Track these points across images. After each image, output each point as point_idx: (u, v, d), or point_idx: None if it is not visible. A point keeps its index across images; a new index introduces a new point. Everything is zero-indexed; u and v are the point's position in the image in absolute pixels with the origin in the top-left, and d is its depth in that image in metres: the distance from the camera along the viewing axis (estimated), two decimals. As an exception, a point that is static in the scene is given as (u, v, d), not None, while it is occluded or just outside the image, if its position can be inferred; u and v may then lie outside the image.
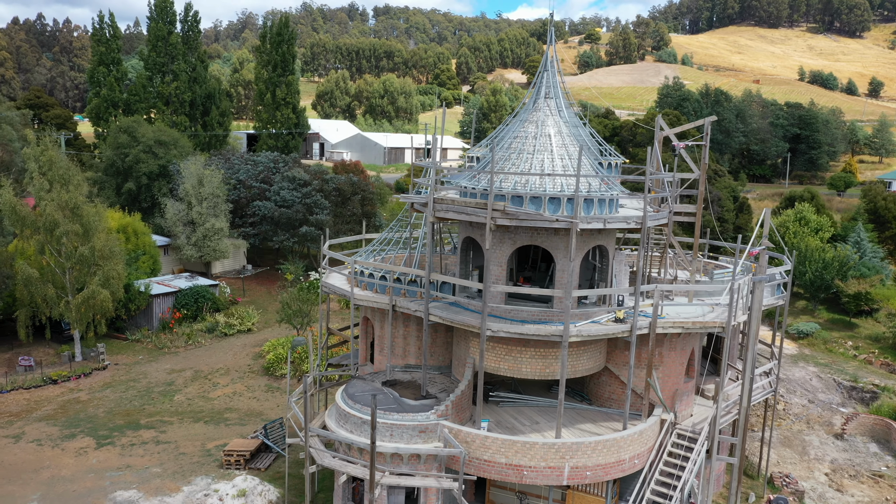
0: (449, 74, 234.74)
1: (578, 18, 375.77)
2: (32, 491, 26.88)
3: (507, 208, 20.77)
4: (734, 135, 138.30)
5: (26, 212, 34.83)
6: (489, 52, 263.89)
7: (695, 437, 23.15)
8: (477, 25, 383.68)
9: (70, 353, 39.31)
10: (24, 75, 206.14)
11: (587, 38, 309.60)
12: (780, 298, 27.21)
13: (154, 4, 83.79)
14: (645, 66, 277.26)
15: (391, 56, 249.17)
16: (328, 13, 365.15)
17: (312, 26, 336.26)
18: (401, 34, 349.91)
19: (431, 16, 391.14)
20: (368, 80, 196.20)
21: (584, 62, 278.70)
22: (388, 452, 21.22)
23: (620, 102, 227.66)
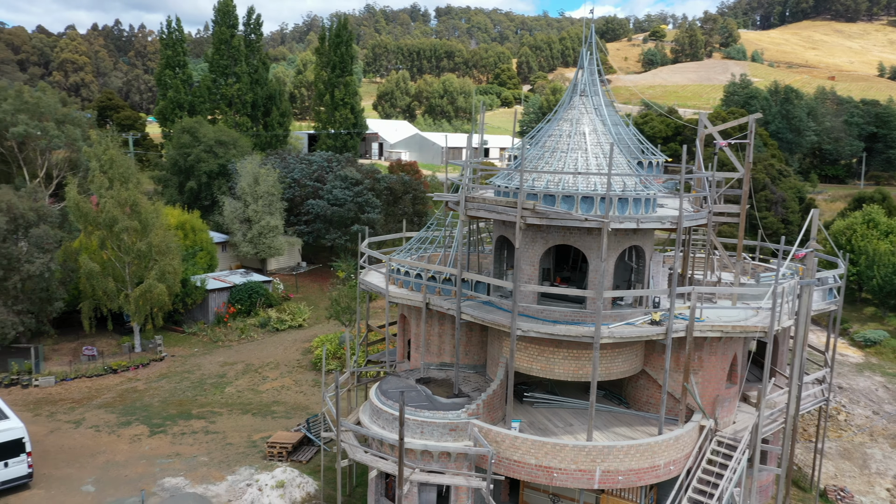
0: (509, 74, 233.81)
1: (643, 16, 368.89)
2: (88, 474, 28.14)
3: (537, 207, 20.67)
4: (805, 133, 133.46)
5: (88, 208, 36.48)
6: (550, 51, 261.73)
7: (735, 444, 22.53)
8: (539, 24, 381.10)
9: (130, 344, 40.98)
10: (101, 79, 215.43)
11: (652, 36, 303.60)
12: (832, 303, 26.17)
13: (217, 9, 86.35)
14: (712, 63, 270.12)
15: (451, 56, 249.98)
16: (391, 14, 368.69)
17: (375, 28, 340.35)
18: (462, 34, 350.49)
19: (493, 15, 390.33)
20: (428, 80, 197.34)
21: (648, 60, 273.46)
22: (417, 449, 21.40)
23: (685, 101, 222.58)
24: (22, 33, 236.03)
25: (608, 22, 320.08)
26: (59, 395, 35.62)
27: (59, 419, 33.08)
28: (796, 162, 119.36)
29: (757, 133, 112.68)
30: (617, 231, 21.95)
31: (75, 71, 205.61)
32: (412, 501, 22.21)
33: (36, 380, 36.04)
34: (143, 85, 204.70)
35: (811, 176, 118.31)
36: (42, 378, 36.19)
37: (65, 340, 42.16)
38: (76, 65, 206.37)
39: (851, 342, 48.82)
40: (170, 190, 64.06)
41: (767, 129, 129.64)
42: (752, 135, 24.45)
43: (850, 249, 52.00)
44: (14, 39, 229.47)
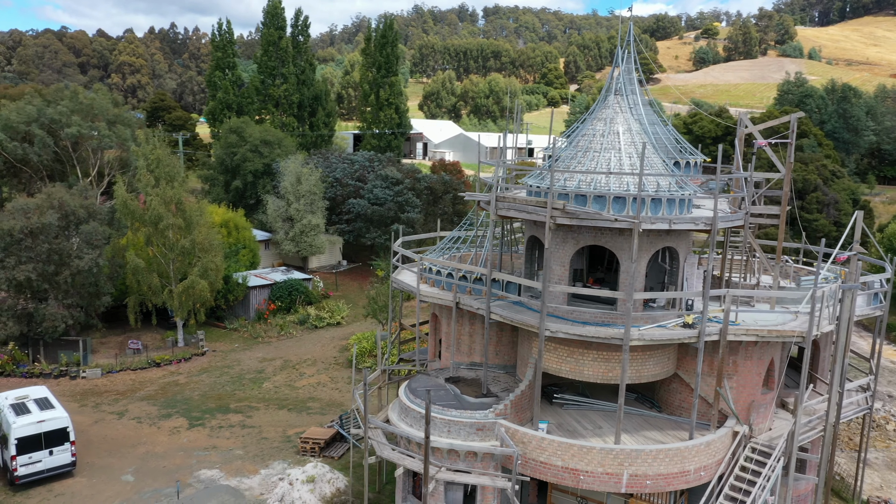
0: (556, 73, 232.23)
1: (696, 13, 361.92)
2: (129, 464, 28.99)
3: (566, 207, 20.47)
4: (863, 133, 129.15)
5: (135, 206, 37.56)
6: (598, 50, 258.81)
7: (769, 451, 21.92)
8: (587, 23, 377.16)
9: (173, 338, 42.03)
10: (156, 81, 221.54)
11: (704, 34, 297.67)
12: (877, 308, 25.25)
13: (266, 11, 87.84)
14: (766, 61, 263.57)
15: (498, 56, 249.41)
16: (438, 15, 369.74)
17: (423, 28, 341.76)
18: (510, 34, 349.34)
19: (541, 14, 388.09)
20: (474, 80, 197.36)
21: (699, 58, 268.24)
22: (444, 448, 21.42)
23: (738, 100, 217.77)
24: (83, 37, 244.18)
25: (658, 20, 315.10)
26: (105, 387, 36.74)
27: (104, 410, 34.14)
28: (853, 162, 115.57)
29: (811, 133, 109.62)
30: (649, 232, 21.60)
31: (132, 73, 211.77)
32: (438, 500, 22.24)
33: (83, 371, 37.25)
34: (196, 86, 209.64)
35: (868, 177, 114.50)
36: (89, 370, 37.39)
37: (112, 334, 43.46)
38: (133, 67, 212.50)
39: (906, 349, 47.08)
40: (217, 189, 65.47)
41: (823, 128, 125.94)
42: (793, 134, 23.75)
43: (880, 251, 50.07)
44: (76, 43, 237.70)
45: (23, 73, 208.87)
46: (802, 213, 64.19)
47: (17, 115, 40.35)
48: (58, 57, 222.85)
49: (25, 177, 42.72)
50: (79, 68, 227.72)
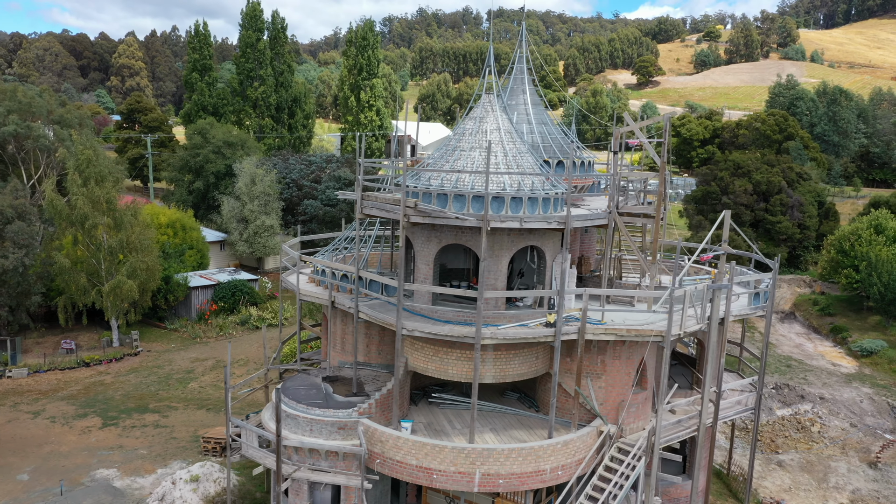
0: (556, 76, 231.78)
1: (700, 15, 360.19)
2: (29, 463, 29.09)
3: (418, 206, 20.42)
4: (853, 136, 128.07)
5: (62, 205, 37.77)
6: (598, 52, 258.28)
7: (635, 450, 21.74)
8: (592, 26, 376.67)
9: (108, 338, 42.19)
10: (157, 84, 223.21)
11: (706, 37, 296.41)
12: (758, 308, 24.98)
13: (244, 13, 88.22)
14: (767, 64, 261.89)
15: (498, 59, 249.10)
16: (443, 18, 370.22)
17: (427, 31, 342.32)
18: (514, 36, 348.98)
19: (546, 17, 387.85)
20: (469, 82, 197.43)
21: (700, 61, 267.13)
22: (304, 447, 21.39)
23: (736, 103, 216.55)
24: (84, 40, 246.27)
25: (661, 23, 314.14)
26: (29, 387, 36.94)
27: (21, 409, 34.30)
28: (838, 165, 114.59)
29: (798, 135, 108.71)
30: (510, 231, 21.53)
31: (131, 76, 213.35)
32: (303, 499, 22.21)
33: (9, 371, 37.48)
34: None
35: (854, 180, 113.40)
36: (16, 370, 37.61)
37: (50, 334, 43.70)
38: (132, 70, 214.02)
39: (848, 351, 46.61)
40: (180, 189, 65.81)
41: (812, 131, 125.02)
42: (667, 134, 23.58)
43: (853, 255, 49.69)
44: (77, 45, 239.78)
45: (23, 75, 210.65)
46: (766, 215, 63.76)
47: (-47, 115, 40.88)
48: (58, 60, 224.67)
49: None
50: (79, 71, 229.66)
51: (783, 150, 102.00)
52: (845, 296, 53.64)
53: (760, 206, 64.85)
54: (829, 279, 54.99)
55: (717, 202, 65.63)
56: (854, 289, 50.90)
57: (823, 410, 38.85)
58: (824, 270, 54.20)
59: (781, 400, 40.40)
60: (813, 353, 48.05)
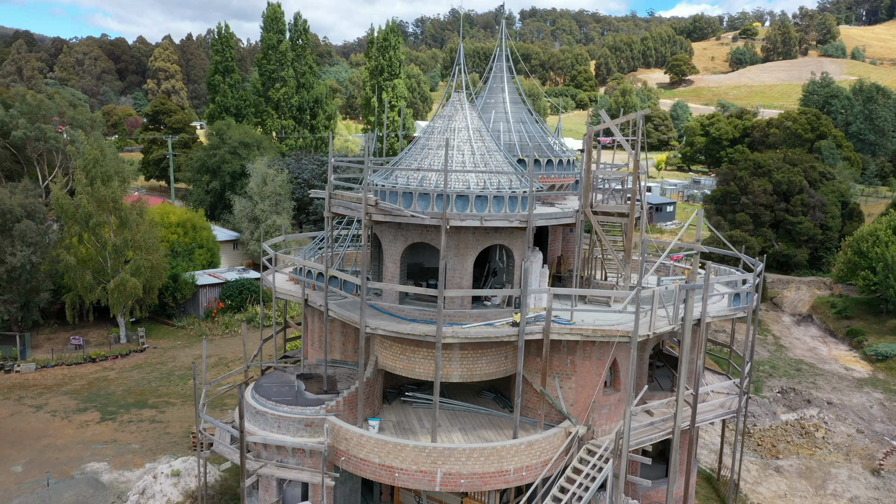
0: (586, 76, 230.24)
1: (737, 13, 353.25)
2: (25, 455, 29.88)
3: (379, 203, 20.46)
4: (891, 135, 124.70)
5: (68, 204, 38.71)
6: (630, 51, 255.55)
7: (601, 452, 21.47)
8: (626, 25, 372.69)
9: (116, 335, 43.10)
10: (191, 86, 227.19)
11: (742, 34, 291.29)
12: (738, 310, 24.42)
13: (266, 16, 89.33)
14: (805, 61, 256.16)
15: (528, 59, 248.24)
16: (475, 18, 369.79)
17: (458, 31, 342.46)
18: (546, 36, 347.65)
19: (579, 17, 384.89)
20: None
21: (736, 59, 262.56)
22: (271, 444, 21.58)
23: (771, 101, 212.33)
24: (122, 44, 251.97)
25: (696, 20, 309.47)
26: (35, 381, 37.91)
27: (25, 403, 35.23)
28: (874, 165, 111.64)
29: (830, 134, 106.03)
30: (475, 230, 21.43)
31: (166, 78, 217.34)
32: (272, 496, 22.41)
33: (18, 366, 38.50)
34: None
35: (890, 180, 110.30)
36: (24, 364, 38.63)
37: (62, 330, 44.79)
38: (167, 72, 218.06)
39: (863, 356, 45.34)
40: (198, 189, 66.94)
41: (848, 130, 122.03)
42: (640, 132, 23.19)
43: (871, 257, 48.25)
44: (115, 49, 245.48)
45: (63, 79, 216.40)
46: (787, 215, 62.35)
47: (-34, 119, 42.21)
48: (97, 63, 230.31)
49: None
50: (117, 74, 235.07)
51: (815, 150, 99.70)
52: (864, 298, 52.19)
53: (781, 206, 63.42)
54: (847, 281, 53.57)
55: (736, 202, 64.39)
56: (872, 291, 49.52)
57: (830, 416, 37.86)
58: (841, 272, 52.76)
59: (787, 404, 39.48)
60: (826, 357, 46.87)
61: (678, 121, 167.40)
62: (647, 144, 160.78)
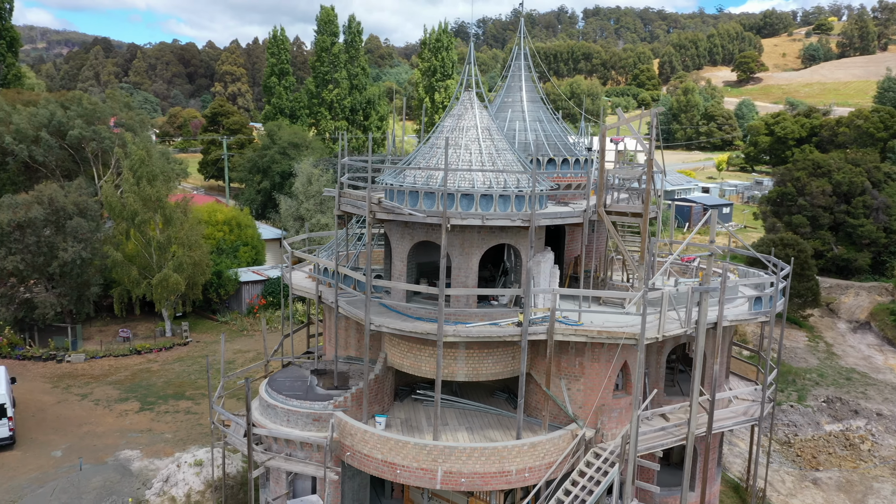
0: (649, 75, 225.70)
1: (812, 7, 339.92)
2: (65, 441, 31.33)
3: (382, 202, 20.64)
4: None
5: (116, 202, 40.39)
6: (696, 49, 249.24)
7: (608, 457, 21.10)
8: (693, 22, 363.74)
9: (162, 328, 44.72)
10: (256, 88, 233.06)
11: (816, 29, 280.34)
12: (759, 314, 23.57)
13: (319, 18, 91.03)
14: (884, 57, 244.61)
15: (589, 58, 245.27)
16: (537, 18, 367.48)
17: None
18: (610, 35, 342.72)
19: (644, 14, 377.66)
20: (556, 82, 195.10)
21: (808, 56, 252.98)
22: (279, 437, 22.06)
23: (846, 99, 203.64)
24: (192, 48, 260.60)
25: (766, 16, 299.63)
26: (83, 371, 39.66)
27: (71, 392, 36.90)
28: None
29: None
30: (480, 229, 21.38)
31: (233, 81, 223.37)
32: (281, 488, 22.90)
33: (69, 356, 40.36)
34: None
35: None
36: (74, 355, 40.47)
37: (113, 323, 46.71)
38: (234, 76, 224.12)
39: (920, 365, 43.11)
40: (249, 189, 68.76)
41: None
42: (654, 130, 22.67)
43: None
44: (185, 54, 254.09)
45: (137, 83, 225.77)
46: (847, 217, 59.80)
47: (28, 121, 44.37)
48: (168, 68, 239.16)
49: (42, 176, 46.78)
50: (187, 78, 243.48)
51: (888, 150, 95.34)
52: (926, 305, 49.66)
53: (841, 208, 60.87)
54: (907, 287, 51.06)
55: (793, 204, 62.11)
56: (932, 296, 47.03)
57: (878, 427, 36.16)
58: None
59: (832, 414, 37.88)
60: (881, 367, 44.75)
61: (743, 120, 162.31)
62: (710, 144, 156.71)
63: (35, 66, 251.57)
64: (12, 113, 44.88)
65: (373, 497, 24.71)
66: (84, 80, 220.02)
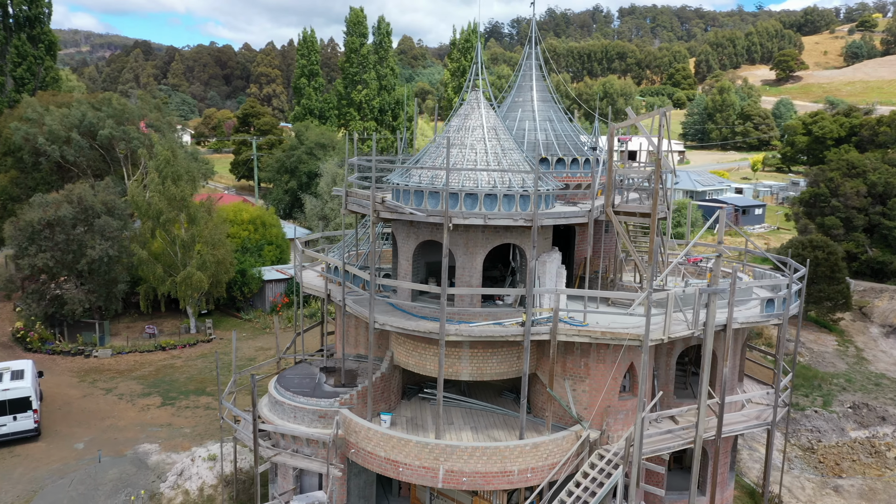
0: (684, 74, 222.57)
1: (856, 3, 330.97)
2: (88, 434, 32.09)
3: (385, 201, 20.77)
4: None
5: (142, 201, 41.27)
6: (733, 47, 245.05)
7: (609, 456, 20.94)
8: (732, 20, 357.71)
9: (187, 325, 45.55)
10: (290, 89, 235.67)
11: (860, 26, 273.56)
12: (771, 317, 23.14)
13: (348, 20, 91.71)
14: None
15: (623, 57, 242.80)
16: (571, 17, 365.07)
17: (555, 31, 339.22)
18: (646, 34, 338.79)
19: (681, 13, 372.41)
20: (588, 82, 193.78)
21: (851, 53, 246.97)
22: (286, 433, 22.35)
23: (890, 98, 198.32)
24: (229, 51, 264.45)
25: (807, 13, 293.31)
26: (109, 366, 40.58)
27: (97, 386, 37.79)
28: None
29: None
30: (485, 228, 21.39)
31: (268, 83, 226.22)
32: (288, 483, 23.19)
33: (96, 352, 41.36)
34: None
35: None
36: (101, 350, 41.45)
37: (141, 319, 47.69)
38: (269, 77, 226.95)
39: (955, 371, 41.81)
40: (277, 189, 69.61)
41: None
42: (662, 129, 22.39)
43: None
44: (222, 56, 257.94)
45: (175, 85, 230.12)
46: (883, 219, 58.32)
47: (60, 122, 45.64)
48: (206, 70, 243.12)
49: (73, 176, 48.04)
50: (223, 80, 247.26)
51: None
52: (963, 309, 48.14)
53: (876, 209, 59.41)
54: (943, 290, 49.54)
55: (826, 205, 60.80)
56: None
57: (905, 434, 35.21)
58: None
59: (858, 421, 36.98)
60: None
61: (781, 119, 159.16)
62: (746, 144, 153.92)
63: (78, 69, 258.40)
64: (45, 114, 46.14)
65: (380, 495, 24.87)
66: (124, 82, 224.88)
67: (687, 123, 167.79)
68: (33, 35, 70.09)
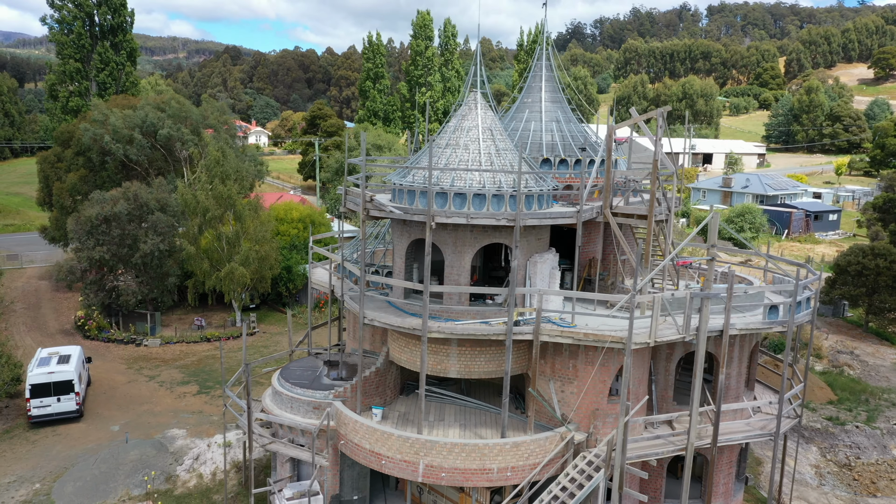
0: (773, 73, 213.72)
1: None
2: (125, 417, 34.04)
3: (373, 200, 21.21)
4: None
5: (190, 199, 43.30)
6: (828, 45, 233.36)
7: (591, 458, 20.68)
8: (830, 16, 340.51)
9: (233, 319, 47.45)
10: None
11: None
12: (773, 324, 22.22)
13: (415, 23, 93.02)
14: None
15: (708, 57, 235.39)
16: (657, 17, 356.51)
17: (639, 31, 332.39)
18: (735, 32, 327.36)
19: (775, 10, 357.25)
20: (668, 83, 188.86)
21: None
22: (285, 423, 23.14)
23: None
24: (311, 55, 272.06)
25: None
26: (156, 355, 42.80)
27: (142, 373, 39.95)
28: None
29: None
30: (473, 228, 21.53)
31: (347, 86, 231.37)
32: (286, 471, 24.00)
33: (146, 341, 43.70)
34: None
35: None
36: (151, 340, 43.77)
37: (192, 312, 50.03)
38: (348, 80, 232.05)
39: None
40: (333, 190, 71.34)
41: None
42: (660, 129, 21.90)
43: None
44: (305, 60, 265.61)
45: (260, 88, 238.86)
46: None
47: (123, 122, 48.46)
48: (289, 73, 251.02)
49: (136, 174, 50.89)
50: (306, 83, 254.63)
51: None
52: None
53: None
54: None
55: (900, 210, 57.57)
56: None
57: (949, 453, 32.93)
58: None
59: (905, 438, 34.82)
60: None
61: (874, 120, 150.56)
62: (834, 147, 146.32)
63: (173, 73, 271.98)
64: (109, 115, 49.07)
65: (378, 488, 25.34)
66: (213, 86, 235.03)
67: (770, 125, 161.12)
68: (116, 42, 74.66)
